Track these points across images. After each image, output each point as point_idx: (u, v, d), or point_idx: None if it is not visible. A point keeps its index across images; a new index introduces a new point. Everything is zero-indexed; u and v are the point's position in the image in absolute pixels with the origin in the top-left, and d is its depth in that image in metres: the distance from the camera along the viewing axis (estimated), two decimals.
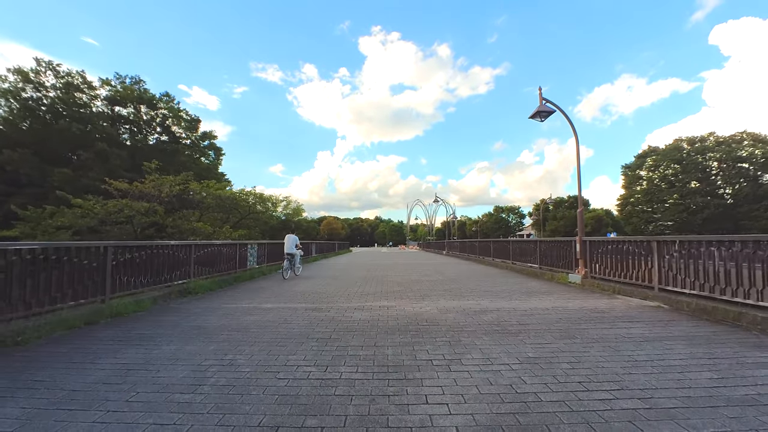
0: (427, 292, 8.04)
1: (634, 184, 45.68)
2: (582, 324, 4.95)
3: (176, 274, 8.11)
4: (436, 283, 9.55)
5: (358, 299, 7.14)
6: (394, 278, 11.04)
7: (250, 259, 12.41)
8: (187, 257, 8.58)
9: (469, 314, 5.62)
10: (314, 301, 6.94)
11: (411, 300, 6.98)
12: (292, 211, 46.97)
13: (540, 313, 5.66)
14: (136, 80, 28.27)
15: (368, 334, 4.49)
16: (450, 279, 10.63)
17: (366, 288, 8.79)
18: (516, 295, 7.53)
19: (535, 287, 8.68)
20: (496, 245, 16.63)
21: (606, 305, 6.29)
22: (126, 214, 12.87)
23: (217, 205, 16.21)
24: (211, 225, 15.65)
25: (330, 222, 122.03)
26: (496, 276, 11.45)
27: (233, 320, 5.40)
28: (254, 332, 4.66)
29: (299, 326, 4.95)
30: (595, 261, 8.86)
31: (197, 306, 6.64)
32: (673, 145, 41.87)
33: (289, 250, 11.72)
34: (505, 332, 4.54)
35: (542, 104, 9.73)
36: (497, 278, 10.78)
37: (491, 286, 8.99)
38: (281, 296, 7.68)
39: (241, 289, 8.85)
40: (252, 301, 7.08)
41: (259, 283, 9.99)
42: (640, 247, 7.34)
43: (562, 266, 10.36)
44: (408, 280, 10.35)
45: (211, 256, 9.68)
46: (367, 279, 10.81)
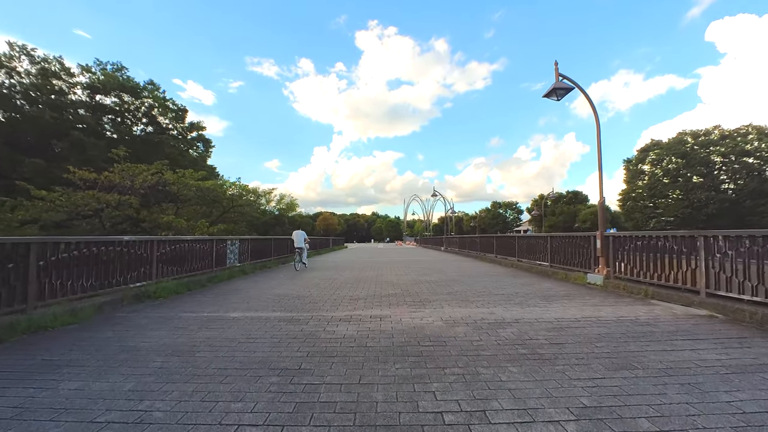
0: (427, 295, 6.89)
1: (636, 178, 44.71)
2: (631, 343, 3.81)
3: (133, 276, 6.89)
4: (438, 285, 8.40)
5: (346, 306, 5.97)
6: (390, 278, 9.88)
7: (231, 257, 11.19)
8: (149, 255, 7.36)
9: (483, 328, 4.47)
10: (293, 309, 5.76)
11: (409, 307, 5.82)
12: (286, 206, 45.70)
13: (571, 327, 4.51)
14: (117, 67, 26.73)
15: (353, 361, 3.33)
16: (452, 279, 9.49)
17: (357, 291, 7.63)
18: (532, 299, 6.40)
19: (550, 290, 7.55)
20: (500, 241, 15.51)
21: (646, 314, 5.16)
22: (93, 207, 11.60)
23: (198, 198, 14.94)
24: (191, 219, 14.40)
25: (326, 217, 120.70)
26: (503, 275, 10.33)
27: (182, 337, 4.22)
28: (201, 357, 3.49)
29: (264, 347, 3.78)
30: (620, 259, 7.75)
31: (149, 315, 5.44)
32: (677, 138, 40.85)
33: (298, 244, 12.90)
34: (537, 358, 3.39)
35: (558, 81, 8.55)
36: (504, 278, 9.66)
37: (500, 287, 7.85)
38: (256, 301, 6.50)
39: (212, 292, 7.65)
40: (219, 308, 5.89)
41: (236, 284, 8.80)
42: (681, 243, 6.21)
43: (577, 265, 9.25)
44: (405, 281, 9.19)
45: (179, 253, 8.46)
46: (359, 279, 9.65)
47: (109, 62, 26.44)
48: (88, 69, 25.95)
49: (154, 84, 28.78)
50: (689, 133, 40.65)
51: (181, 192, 14.07)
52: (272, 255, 14.83)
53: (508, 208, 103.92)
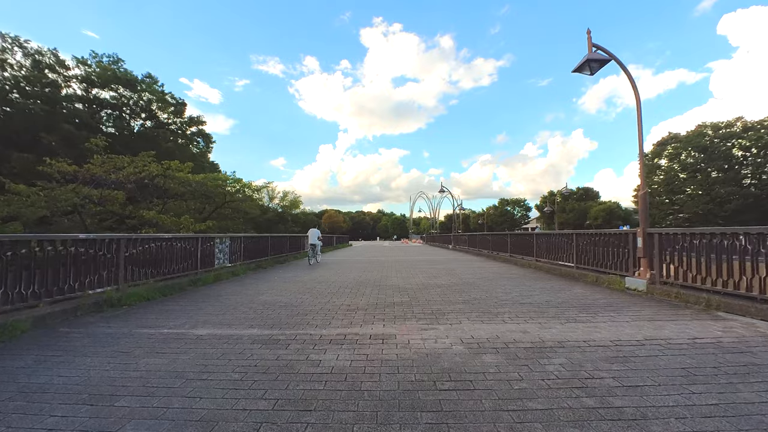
0: (440, 305, 5.75)
1: (652, 173, 42.83)
2: (738, 385, 2.66)
3: (93, 280, 5.86)
4: (451, 290, 7.26)
5: (341, 319, 4.86)
6: (396, 281, 8.76)
7: (220, 257, 10.16)
8: (114, 256, 6.33)
9: (520, 357, 3.33)
10: (275, 323, 4.67)
11: (419, 321, 4.69)
12: (290, 203, 44.89)
13: (637, 355, 3.36)
14: (113, 59, 25.88)
15: (337, 423, 2.21)
16: (467, 282, 8.34)
17: (357, 298, 6.52)
18: (569, 310, 5.23)
19: (585, 297, 6.37)
20: (516, 240, 14.29)
21: (726, 334, 3.98)
22: (71, 202, 10.65)
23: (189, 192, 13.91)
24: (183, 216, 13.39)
25: (331, 215, 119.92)
26: (523, 278, 9.15)
27: (117, 368, 3.15)
28: (119, 409, 2.40)
29: (216, 391, 2.68)
30: (668, 261, 6.54)
31: (97, 331, 4.39)
32: (696, 131, 38.91)
33: (312, 241, 14.46)
34: (615, 416, 2.25)
35: (592, 52, 7.32)
36: (526, 281, 8.48)
37: (526, 293, 6.69)
38: (234, 311, 5.42)
39: (189, 299, 6.60)
40: (187, 321, 4.83)
41: (220, 289, 7.74)
42: (756, 242, 5.00)
43: (611, 266, 8.05)
44: (413, 285, 8.06)
45: (155, 253, 7.43)
46: (360, 283, 8.54)
47: (104, 54, 25.64)
48: (83, 62, 25.14)
49: (152, 77, 27.89)
50: (709, 126, 38.71)
51: (167, 186, 13.03)
52: (269, 254, 13.80)
53: (516, 205, 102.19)
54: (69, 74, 24.63)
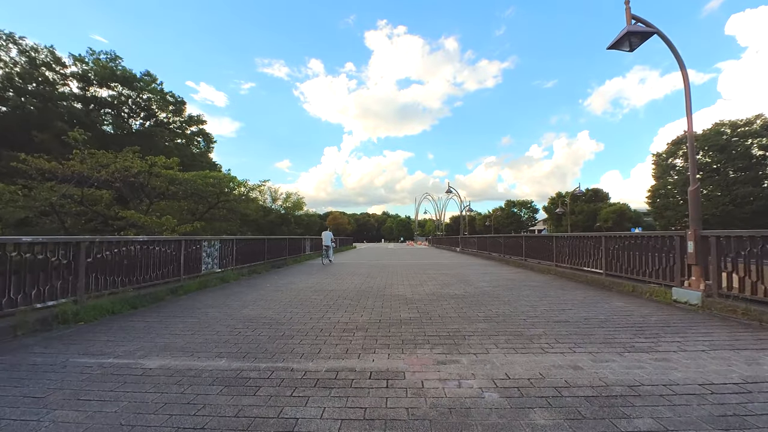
0: (458, 324, 4.73)
1: (666, 173, 41.31)
2: None
3: (42, 291, 4.93)
4: (468, 302, 6.24)
5: (334, 344, 3.87)
6: (402, 290, 7.75)
7: (208, 261, 9.23)
8: (72, 262, 5.40)
9: (584, 416, 2.30)
10: (251, 349, 3.69)
11: (434, 350, 3.68)
12: (292, 205, 44.03)
13: (753, 412, 2.31)
14: (111, 57, 25.23)
15: None
16: (484, 292, 7.30)
17: (356, 313, 5.52)
18: (621, 333, 4.19)
19: (630, 312, 5.31)
20: (532, 243, 13.20)
21: None
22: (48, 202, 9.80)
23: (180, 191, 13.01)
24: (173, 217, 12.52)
25: (336, 217, 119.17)
26: (546, 286, 8.09)
27: None
28: None
29: None
30: (730, 269, 5.46)
31: (21, 360, 3.45)
32: (713, 129, 37.36)
33: (326, 243, 15.86)
34: None
35: (631, 24, 6.28)
36: (550, 290, 7.43)
37: (556, 307, 5.64)
38: (206, 331, 4.45)
39: (161, 312, 5.65)
40: (142, 346, 3.87)
41: (202, 299, 6.79)
42: None
43: (651, 274, 6.97)
44: (423, 296, 7.05)
45: (127, 259, 6.49)
46: (362, 292, 7.54)
47: (102, 51, 24.99)
48: (80, 59, 24.51)
49: (151, 75, 27.18)
50: (727, 123, 37.17)
51: (152, 183, 12.09)
52: (265, 258, 12.85)
53: (523, 206, 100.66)
54: (66, 72, 24.03)
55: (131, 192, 12.70)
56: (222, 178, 15.16)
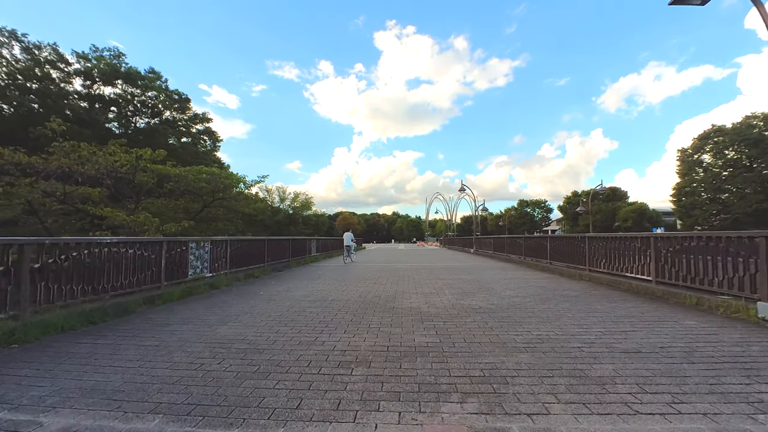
0: (491, 354, 3.56)
1: (692, 170, 39.03)
2: None
3: None
4: (497, 320, 5.06)
5: (320, 393, 2.74)
6: (415, 301, 6.61)
7: (196, 265, 8.23)
8: (12, 269, 4.41)
9: None
10: (204, 397, 2.60)
11: (465, 404, 2.51)
12: (301, 204, 43.24)
13: None
14: (115, 53, 24.71)
15: None
16: (513, 305, 6.10)
17: (358, 335, 4.39)
18: (726, 372, 2.97)
19: (717, 337, 4.06)
20: (558, 244, 11.87)
21: None
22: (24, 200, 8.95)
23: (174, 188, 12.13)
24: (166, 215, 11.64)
25: (346, 217, 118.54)
26: (586, 297, 6.84)
27: None
28: None
29: None
30: None
31: None
32: (744, 122, 35.08)
33: (347, 243, 16.97)
34: None
35: None
36: (594, 303, 6.18)
37: (612, 328, 4.42)
38: (160, 361, 3.38)
39: (122, 329, 4.63)
40: (63, 385, 2.83)
41: (179, 311, 5.76)
42: None
43: (724, 284, 5.67)
44: (440, 309, 5.89)
45: (90, 264, 5.50)
46: (367, 305, 6.43)
47: (105, 48, 24.48)
48: (84, 56, 24.05)
49: (155, 72, 26.63)
50: (759, 116, 34.84)
51: (138, 179, 11.20)
52: (265, 260, 11.85)
53: (536, 206, 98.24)
54: (69, 70, 23.57)
55: (123, 189, 11.87)
56: (218, 175, 14.13)
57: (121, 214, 9.77)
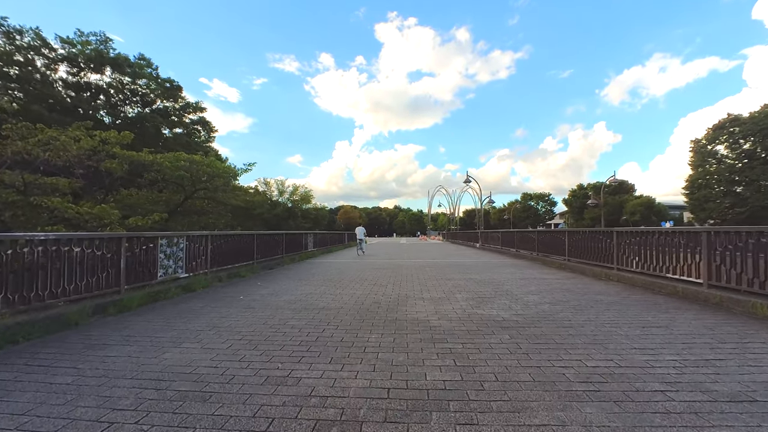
0: (545, 409, 2.45)
1: (706, 162, 37.56)
2: None
3: None
4: (531, 339, 3.95)
5: None
6: (422, 310, 5.51)
7: (168, 265, 7.15)
8: None
9: None
10: None
11: None
12: (300, 198, 42.14)
13: None
14: (101, 38, 23.42)
15: None
16: (544, 315, 4.99)
17: (346, 365, 3.30)
18: None
19: None
20: (577, 239, 10.71)
21: None
22: None
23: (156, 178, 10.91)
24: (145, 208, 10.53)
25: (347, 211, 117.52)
26: (630, 304, 5.71)
27: None
28: None
29: None
30: None
31: None
32: (762, 111, 33.56)
33: (360, 237, 18.60)
34: None
35: None
36: (643, 312, 5.06)
37: (691, 354, 3.30)
38: (71, 405, 2.28)
39: (36, 355, 3.54)
40: None
41: (130, 324, 4.67)
42: None
43: None
44: (454, 323, 4.79)
45: (15, 267, 4.41)
46: (363, 313, 5.34)
47: (91, 33, 23.20)
48: (69, 41, 22.78)
49: (145, 59, 25.33)
50: None
51: (106, 166, 10.04)
52: (254, 258, 10.77)
53: (540, 200, 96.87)
54: (53, 56, 22.33)
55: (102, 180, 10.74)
56: (199, 162, 12.73)
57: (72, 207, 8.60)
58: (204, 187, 13.58)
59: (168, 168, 11.31)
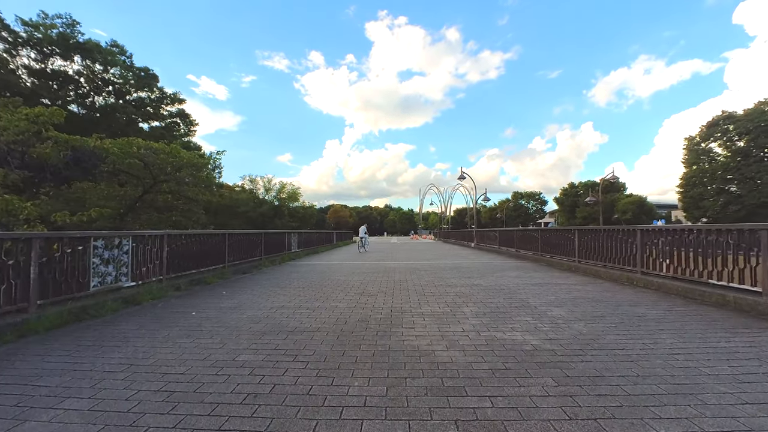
0: None
1: (700, 160, 37.19)
2: None
3: None
4: (600, 402, 2.74)
5: None
6: (424, 339, 4.28)
7: (106, 271, 5.77)
8: None
9: None
10: None
11: None
12: (287, 196, 40.56)
13: None
14: (68, 22, 21.52)
15: None
16: (588, 342, 3.81)
17: None
18: None
19: None
20: (589, 238, 9.60)
21: None
22: None
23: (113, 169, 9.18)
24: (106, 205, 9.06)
25: (337, 210, 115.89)
26: (682, 319, 4.58)
27: None
28: None
29: None
30: None
31: None
32: (756, 109, 33.24)
33: (361, 235, 20.40)
34: None
35: None
36: (707, 332, 3.92)
37: None
38: None
39: None
40: None
41: (16, 362, 3.32)
42: None
43: None
44: (470, 356, 3.59)
45: None
46: (346, 338, 4.10)
47: (56, 15, 21.35)
48: (32, 24, 20.88)
49: (118, 46, 23.54)
50: None
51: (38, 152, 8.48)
52: (227, 261, 9.40)
53: (531, 198, 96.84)
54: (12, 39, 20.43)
55: (50, 171, 9.23)
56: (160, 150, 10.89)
57: None
58: (166, 179, 11.85)
59: (117, 156, 9.62)
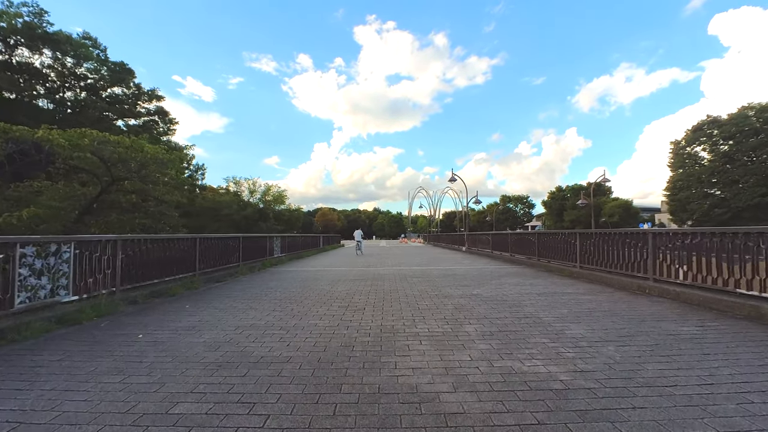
0: None
1: (686, 164, 37.61)
2: None
3: None
4: None
5: None
6: (423, 374, 3.49)
7: (39, 284, 4.80)
8: None
9: None
10: None
11: None
12: (273, 198, 39.36)
13: None
14: (35, 10, 20.17)
15: None
16: (630, 377, 3.07)
17: None
18: None
19: None
20: (593, 242, 8.98)
21: None
22: None
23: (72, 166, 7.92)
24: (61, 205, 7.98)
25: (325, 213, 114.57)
26: (725, 339, 3.90)
27: None
28: None
29: None
30: None
31: None
32: (740, 113, 33.74)
33: (358, 239, 21.60)
34: None
35: None
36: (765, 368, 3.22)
37: None
38: None
39: None
40: None
41: None
42: None
43: None
44: (492, 407, 2.79)
45: None
46: (320, 378, 3.28)
47: (22, 2, 19.95)
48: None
49: (91, 38, 22.21)
50: (755, 107, 33.63)
51: None
52: (197, 268, 8.44)
53: (519, 202, 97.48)
54: None
55: None
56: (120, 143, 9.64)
57: None
58: (127, 177, 10.58)
59: (64, 149, 8.36)
